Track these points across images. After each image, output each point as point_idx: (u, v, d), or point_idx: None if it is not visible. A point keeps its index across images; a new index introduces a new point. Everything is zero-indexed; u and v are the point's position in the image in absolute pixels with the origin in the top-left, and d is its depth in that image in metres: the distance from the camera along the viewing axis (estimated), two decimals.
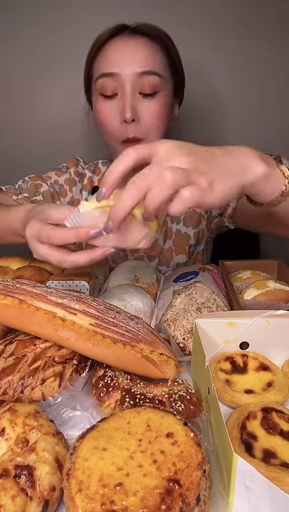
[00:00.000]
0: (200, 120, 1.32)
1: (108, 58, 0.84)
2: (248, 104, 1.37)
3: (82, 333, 0.51)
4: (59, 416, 0.46)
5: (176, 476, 0.34)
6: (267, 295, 0.66)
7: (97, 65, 0.87)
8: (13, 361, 0.51)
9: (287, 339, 0.55)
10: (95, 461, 0.36)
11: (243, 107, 1.37)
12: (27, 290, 0.56)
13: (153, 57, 0.84)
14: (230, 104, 1.37)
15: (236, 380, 0.53)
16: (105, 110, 0.86)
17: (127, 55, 0.83)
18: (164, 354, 0.52)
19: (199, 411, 0.46)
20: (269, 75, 1.33)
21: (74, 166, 1.05)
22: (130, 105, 0.82)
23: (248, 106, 1.37)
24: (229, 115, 1.38)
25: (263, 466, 0.38)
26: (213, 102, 1.35)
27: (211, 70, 1.31)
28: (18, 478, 0.35)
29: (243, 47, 1.30)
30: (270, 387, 0.51)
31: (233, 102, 1.37)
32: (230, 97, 1.36)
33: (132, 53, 0.83)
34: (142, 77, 0.82)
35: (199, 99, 1.27)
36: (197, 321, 0.54)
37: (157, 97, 0.85)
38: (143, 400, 0.46)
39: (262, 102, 1.36)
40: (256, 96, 1.36)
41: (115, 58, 0.83)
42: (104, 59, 0.85)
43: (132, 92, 0.83)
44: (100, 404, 0.48)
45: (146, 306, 0.68)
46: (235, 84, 1.35)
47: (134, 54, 0.83)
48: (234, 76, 1.33)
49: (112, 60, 0.83)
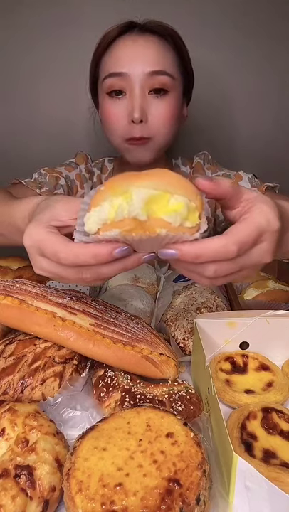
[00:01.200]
0: (207, 119, 1.31)
1: (116, 57, 0.82)
2: (258, 103, 1.36)
3: (82, 333, 0.51)
4: (59, 416, 0.46)
5: (176, 476, 0.34)
6: (267, 295, 0.67)
7: (104, 64, 0.85)
8: (13, 361, 0.51)
9: (287, 339, 0.55)
10: (95, 461, 0.36)
11: (252, 106, 1.36)
12: (27, 290, 0.56)
13: (163, 56, 0.82)
14: (239, 103, 1.36)
15: (236, 380, 0.53)
16: (113, 110, 0.84)
17: (137, 54, 0.81)
18: (164, 354, 0.52)
19: (199, 411, 0.46)
20: (281, 74, 1.33)
21: (84, 162, 1.02)
22: (139, 105, 0.80)
23: (258, 105, 1.36)
24: (238, 114, 1.38)
25: (263, 466, 0.38)
26: (221, 101, 1.35)
27: (220, 69, 1.31)
28: (18, 478, 0.35)
29: (257, 45, 1.29)
30: (270, 387, 0.51)
31: (243, 102, 1.36)
32: (240, 96, 1.35)
33: (142, 52, 0.81)
34: (151, 76, 0.80)
35: (207, 98, 1.26)
36: (197, 321, 0.54)
37: (167, 97, 0.83)
38: (143, 400, 0.46)
39: (273, 101, 1.36)
40: (267, 95, 1.35)
41: (124, 57, 0.81)
42: (112, 58, 0.83)
43: (141, 92, 0.81)
44: (100, 404, 0.48)
45: (146, 306, 0.68)
46: (245, 84, 1.34)
47: (144, 53, 0.81)
48: (244, 75, 1.33)
49: (120, 59, 0.81)
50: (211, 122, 1.35)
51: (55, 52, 1.31)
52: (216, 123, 1.38)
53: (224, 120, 1.39)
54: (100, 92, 0.87)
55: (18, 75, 1.35)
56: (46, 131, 1.40)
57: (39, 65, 1.34)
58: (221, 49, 1.31)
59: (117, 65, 0.81)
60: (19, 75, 1.35)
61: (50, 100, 1.37)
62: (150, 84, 0.81)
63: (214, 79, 1.32)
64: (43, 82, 1.35)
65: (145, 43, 0.82)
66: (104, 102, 0.86)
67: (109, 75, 0.82)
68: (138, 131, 0.82)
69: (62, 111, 1.37)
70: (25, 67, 1.34)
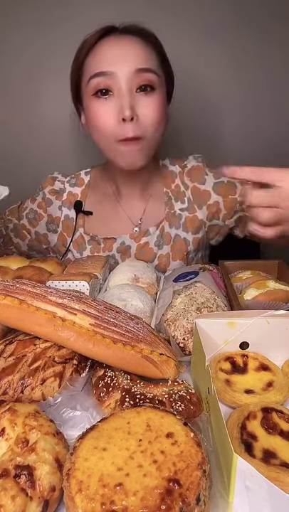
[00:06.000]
0: (194, 120, 1.31)
1: (101, 57, 0.82)
2: (244, 102, 1.36)
3: (82, 333, 0.51)
4: (59, 416, 0.46)
5: (176, 476, 0.34)
6: (267, 295, 0.66)
7: (88, 65, 0.85)
8: (13, 361, 0.51)
9: (287, 339, 0.55)
10: (95, 461, 0.36)
11: (239, 105, 1.37)
12: (27, 290, 0.56)
13: (148, 55, 0.83)
14: (226, 102, 1.36)
15: (236, 380, 0.53)
16: (100, 110, 0.83)
17: (122, 53, 0.81)
18: (164, 354, 0.52)
19: (199, 411, 0.46)
20: (265, 71, 1.33)
21: (49, 185, 1.05)
22: (128, 103, 0.80)
23: (244, 104, 1.37)
24: (225, 114, 1.38)
25: (263, 466, 0.38)
26: (207, 101, 1.35)
27: (203, 68, 1.31)
28: (18, 478, 0.35)
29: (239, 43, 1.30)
30: (270, 387, 0.51)
31: (229, 100, 1.36)
32: (225, 95, 1.35)
33: (127, 51, 0.82)
34: (138, 74, 0.81)
35: (193, 98, 1.26)
36: (197, 321, 0.54)
37: (154, 95, 0.83)
38: (143, 400, 0.46)
39: (258, 98, 1.36)
40: (253, 93, 1.35)
41: (109, 57, 0.81)
42: (96, 58, 0.83)
43: (129, 90, 0.81)
44: (100, 404, 0.48)
45: (146, 306, 0.68)
46: (231, 83, 1.34)
47: (129, 52, 0.81)
48: (230, 74, 1.33)
49: (106, 59, 0.82)
50: (201, 123, 1.35)
51: (54, 52, 1.31)
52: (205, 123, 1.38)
53: (213, 120, 1.39)
54: (85, 95, 0.87)
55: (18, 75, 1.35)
56: (45, 131, 1.40)
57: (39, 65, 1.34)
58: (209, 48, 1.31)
59: (102, 64, 0.82)
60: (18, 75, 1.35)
61: (49, 100, 1.37)
62: (137, 82, 0.81)
63: (201, 78, 1.32)
64: (43, 82, 1.35)
65: (130, 43, 0.83)
66: (90, 104, 0.85)
67: (95, 74, 0.82)
68: (130, 130, 0.81)
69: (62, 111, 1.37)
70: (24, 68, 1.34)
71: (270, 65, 1.32)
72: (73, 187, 1.05)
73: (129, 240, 0.98)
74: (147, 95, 0.83)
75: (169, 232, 0.99)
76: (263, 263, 0.83)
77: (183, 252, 0.99)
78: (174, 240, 0.99)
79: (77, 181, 1.06)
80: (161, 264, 0.99)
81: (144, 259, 0.96)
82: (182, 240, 0.99)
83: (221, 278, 0.77)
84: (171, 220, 0.99)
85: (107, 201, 1.02)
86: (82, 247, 1.01)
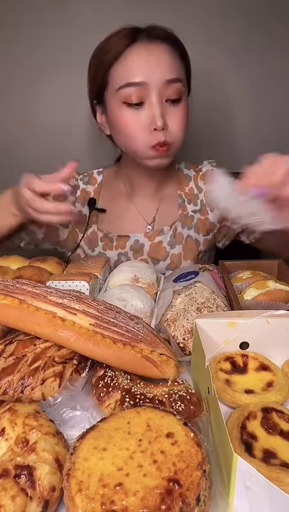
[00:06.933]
0: (207, 121, 1.32)
1: (132, 66, 0.83)
2: (257, 105, 1.37)
3: (82, 333, 0.51)
4: (59, 416, 0.46)
5: (176, 476, 0.34)
6: (267, 295, 0.66)
7: (116, 74, 0.85)
8: (13, 361, 0.51)
9: (287, 339, 0.55)
10: (95, 461, 0.36)
11: (251, 107, 1.37)
12: (27, 290, 0.56)
13: (176, 64, 0.85)
14: (239, 104, 1.37)
15: (236, 380, 0.53)
16: (133, 120, 0.85)
17: (153, 63, 0.83)
18: (164, 354, 0.52)
19: (199, 411, 0.46)
20: (278, 74, 1.33)
21: None
22: (160, 114, 0.83)
23: (257, 107, 1.37)
24: (238, 116, 1.38)
25: (263, 466, 0.38)
26: (220, 103, 1.35)
27: (217, 70, 1.31)
28: (18, 478, 0.35)
29: (251, 45, 1.30)
30: (270, 387, 0.51)
31: (242, 102, 1.37)
32: (239, 97, 1.36)
33: (157, 61, 0.83)
34: (168, 85, 0.83)
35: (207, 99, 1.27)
36: (197, 321, 0.54)
37: (181, 103, 0.86)
38: (143, 400, 0.46)
39: (271, 101, 1.36)
40: (265, 96, 1.35)
41: (140, 67, 0.83)
42: (127, 67, 0.84)
43: (160, 100, 0.84)
44: (100, 404, 0.48)
45: (146, 306, 0.68)
46: (243, 84, 1.34)
47: (159, 62, 0.83)
48: (242, 75, 1.33)
49: (137, 69, 0.83)
50: (211, 123, 1.36)
51: (54, 54, 1.31)
52: (216, 124, 1.38)
53: (224, 120, 1.39)
54: (112, 100, 0.88)
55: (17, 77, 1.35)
56: (45, 132, 1.40)
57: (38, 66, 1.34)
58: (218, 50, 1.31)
59: (133, 74, 0.83)
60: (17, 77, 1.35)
61: (49, 101, 1.37)
62: (167, 94, 0.84)
63: (213, 79, 1.32)
64: (42, 82, 1.35)
65: (158, 52, 0.84)
66: (119, 111, 0.87)
67: (127, 84, 0.84)
68: (162, 136, 0.85)
69: (62, 111, 1.37)
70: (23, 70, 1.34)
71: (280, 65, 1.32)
72: (86, 185, 1.06)
73: (143, 239, 1.00)
74: (175, 104, 0.86)
75: (182, 232, 1.01)
76: (263, 263, 0.83)
77: (194, 253, 1.01)
78: (186, 240, 1.01)
79: (90, 180, 1.07)
80: (173, 263, 1.01)
81: (157, 258, 0.99)
82: (193, 241, 1.01)
83: (220, 278, 0.77)
84: (184, 221, 1.01)
85: (121, 200, 1.04)
86: (94, 244, 1.02)
